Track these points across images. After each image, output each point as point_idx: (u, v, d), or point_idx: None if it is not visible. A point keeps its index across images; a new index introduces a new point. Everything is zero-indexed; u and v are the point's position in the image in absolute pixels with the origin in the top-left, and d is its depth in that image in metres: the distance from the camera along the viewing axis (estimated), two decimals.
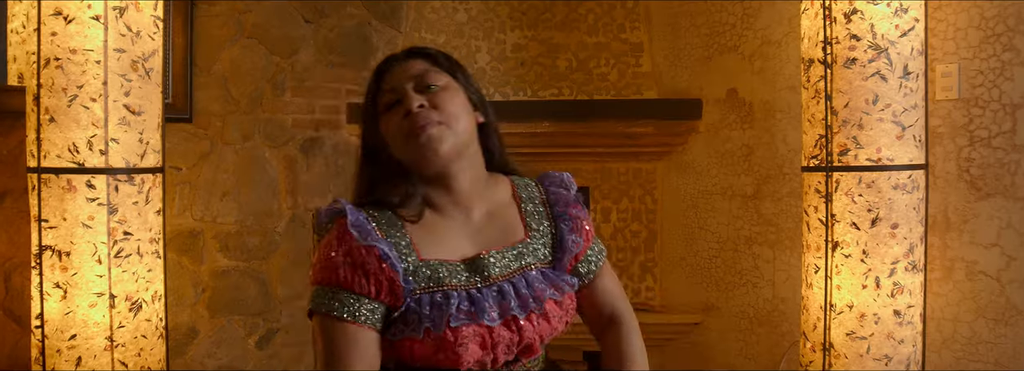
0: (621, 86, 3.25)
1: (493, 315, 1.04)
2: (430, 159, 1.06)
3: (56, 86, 1.88)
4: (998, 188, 2.17)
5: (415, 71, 1.11)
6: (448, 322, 1.01)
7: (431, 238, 1.09)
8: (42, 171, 1.89)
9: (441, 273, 1.05)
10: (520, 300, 1.06)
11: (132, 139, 1.95)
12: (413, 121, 1.06)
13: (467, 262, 1.08)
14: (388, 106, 1.10)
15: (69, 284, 1.91)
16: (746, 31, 2.86)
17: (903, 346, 1.99)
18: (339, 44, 2.96)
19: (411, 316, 1.03)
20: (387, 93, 1.10)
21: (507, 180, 1.19)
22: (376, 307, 1.04)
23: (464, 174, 1.11)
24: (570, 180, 1.21)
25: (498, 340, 1.04)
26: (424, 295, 1.03)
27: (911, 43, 1.97)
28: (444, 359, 1.03)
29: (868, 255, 1.98)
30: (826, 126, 2.01)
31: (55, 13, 1.87)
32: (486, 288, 1.06)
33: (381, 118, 1.10)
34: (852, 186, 1.98)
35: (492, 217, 1.13)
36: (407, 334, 1.03)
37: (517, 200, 1.17)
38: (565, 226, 1.15)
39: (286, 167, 2.83)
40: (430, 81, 1.10)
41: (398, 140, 1.08)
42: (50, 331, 1.92)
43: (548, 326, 1.08)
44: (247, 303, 2.73)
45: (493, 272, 1.08)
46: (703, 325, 3.02)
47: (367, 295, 1.03)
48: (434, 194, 1.11)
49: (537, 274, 1.10)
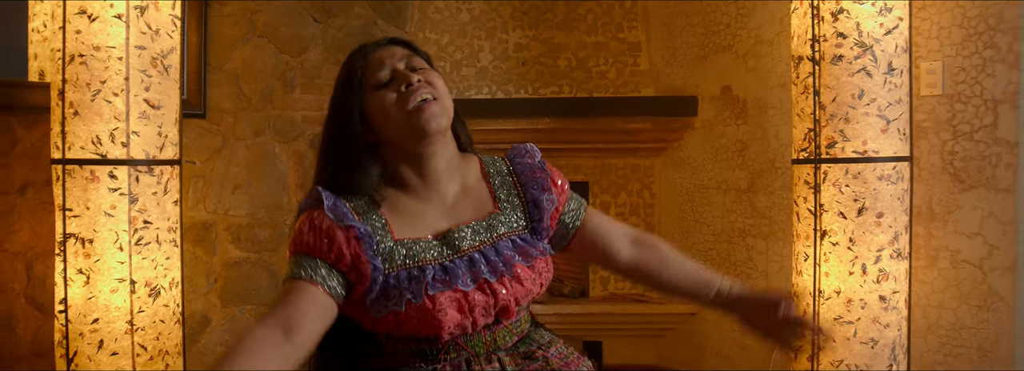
0: (619, 84, 3.33)
1: (466, 280, 1.10)
2: (427, 131, 1.12)
3: (80, 81, 1.96)
4: (980, 180, 2.26)
5: (400, 55, 1.18)
6: (426, 290, 1.08)
7: (406, 219, 1.15)
8: (66, 162, 1.98)
9: (415, 250, 1.12)
10: (490, 266, 1.12)
11: (152, 132, 2.03)
12: (415, 93, 1.12)
13: (439, 237, 1.14)
14: (380, 84, 1.15)
15: (92, 270, 1.99)
16: (740, 30, 2.94)
17: (888, 330, 2.08)
18: (347, 43, 3.03)
19: (392, 292, 1.09)
20: (378, 73, 1.16)
21: (476, 159, 1.26)
22: (333, 273, 1.08)
23: (442, 153, 1.17)
24: (534, 149, 1.26)
25: (474, 303, 1.10)
26: (401, 271, 1.09)
27: (895, 41, 2.06)
28: (427, 327, 1.09)
29: (855, 243, 2.06)
30: (814, 120, 2.10)
31: (80, 12, 1.96)
32: (458, 260, 1.12)
33: (371, 95, 1.15)
34: (839, 177, 2.07)
35: (465, 194, 1.20)
36: (391, 308, 1.08)
37: (486, 176, 1.23)
38: (535, 189, 1.21)
39: (295, 162, 2.91)
40: (416, 65, 1.18)
41: (392, 114, 1.13)
42: (74, 315, 2.01)
43: (522, 288, 1.14)
44: (258, 293, 2.82)
45: (463, 245, 1.14)
46: (699, 315, 3.10)
47: (326, 260, 1.08)
48: (410, 174, 1.17)
49: (507, 242, 1.16)
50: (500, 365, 1.16)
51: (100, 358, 1.99)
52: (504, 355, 1.17)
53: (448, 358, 1.14)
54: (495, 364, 1.16)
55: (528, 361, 1.18)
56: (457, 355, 1.14)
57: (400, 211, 1.15)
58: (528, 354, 1.19)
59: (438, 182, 1.18)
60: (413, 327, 1.10)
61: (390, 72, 1.16)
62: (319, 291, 1.06)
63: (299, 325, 1.03)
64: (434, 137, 1.14)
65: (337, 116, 1.18)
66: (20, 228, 2.28)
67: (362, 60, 1.18)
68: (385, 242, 1.11)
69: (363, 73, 1.16)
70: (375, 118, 1.15)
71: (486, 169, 1.24)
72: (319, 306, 1.06)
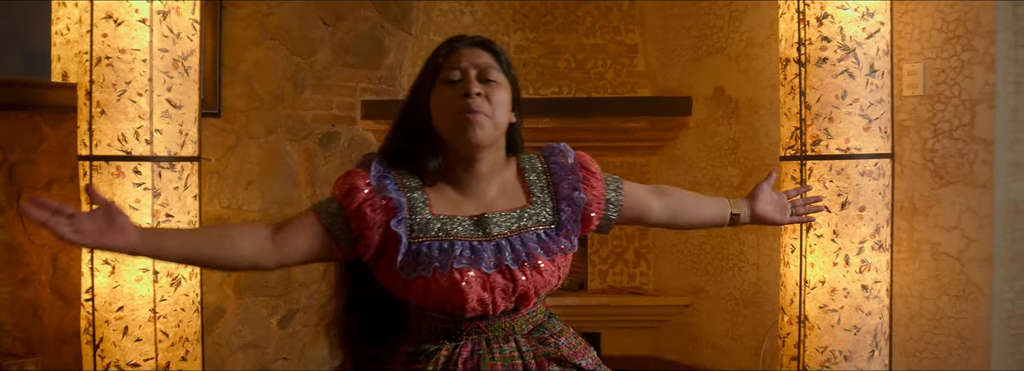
0: (617, 85, 3.41)
1: (490, 263, 1.20)
2: (467, 142, 1.21)
3: (106, 82, 2.07)
4: (958, 176, 2.37)
5: (481, 62, 1.23)
6: (452, 264, 1.18)
7: (445, 201, 1.25)
8: (94, 159, 2.08)
9: (449, 226, 1.21)
10: (514, 254, 1.21)
11: (173, 130, 2.14)
12: (467, 104, 1.19)
13: (473, 219, 1.24)
14: (448, 81, 1.22)
15: (117, 260, 2.10)
16: (732, 34, 3.03)
17: (870, 318, 2.19)
18: (354, 45, 3.12)
19: (422, 258, 1.18)
20: (451, 70, 1.22)
21: (515, 158, 1.34)
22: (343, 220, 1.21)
23: (486, 160, 1.25)
24: (567, 148, 1.34)
25: (495, 285, 1.20)
26: (433, 242, 1.19)
27: (877, 44, 2.17)
28: (452, 297, 1.19)
29: (838, 235, 2.18)
30: (800, 119, 2.21)
31: (106, 16, 2.06)
32: (486, 242, 1.22)
33: (436, 89, 1.23)
34: (824, 173, 2.18)
35: (501, 190, 1.29)
36: (419, 272, 1.18)
37: (521, 173, 1.31)
38: (567, 189, 1.29)
39: (306, 159, 2.99)
40: (490, 76, 1.22)
41: (445, 114, 1.21)
42: (99, 304, 2.11)
43: (541, 278, 1.23)
44: (270, 285, 2.90)
45: (493, 230, 1.23)
46: (693, 307, 3.19)
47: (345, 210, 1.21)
48: (457, 168, 1.26)
49: (533, 236, 1.25)
50: (516, 345, 1.26)
51: (125, 344, 2.09)
52: (520, 338, 1.27)
53: (470, 338, 1.24)
54: (511, 344, 1.26)
55: (541, 345, 1.28)
56: (478, 336, 1.24)
57: (442, 194, 1.25)
58: (542, 340, 1.29)
59: (479, 181, 1.26)
60: (440, 297, 1.19)
61: (461, 74, 1.22)
62: (320, 225, 1.21)
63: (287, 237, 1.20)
64: (475, 147, 1.22)
65: (411, 94, 1.28)
66: None
67: (446, 51, 1.25)
68: (423, 214, 1.21)
69: (441, 64, 1.24)
70: (433, 109, 1.24)
71: (522, 166, 1.32)
72: (312, 232, 1.21)
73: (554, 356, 1.27)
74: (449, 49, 1.26)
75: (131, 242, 1.09)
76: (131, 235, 1.09)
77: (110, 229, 1.09)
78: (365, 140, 3.16)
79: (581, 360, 1.30)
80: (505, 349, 1.25)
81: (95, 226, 1.08)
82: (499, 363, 1.23)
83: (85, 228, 1.08)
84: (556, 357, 1.27)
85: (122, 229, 1.09)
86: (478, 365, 1.22)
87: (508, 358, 1.24)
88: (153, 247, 1.14)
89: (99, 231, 1.08)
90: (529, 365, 1.24)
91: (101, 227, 1.08)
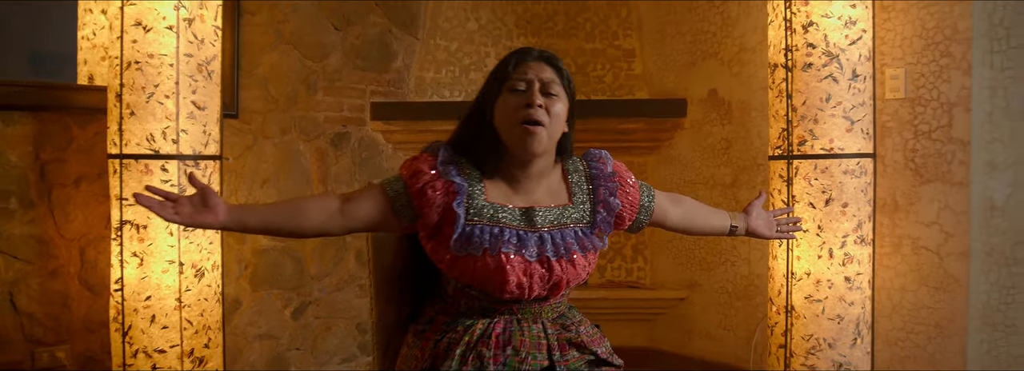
0: (615, 87, 3.49)
1: (532, 252, 1.33)
2: (523, 149, 1.34)
3: (136, 85, 2.18)
4: (937, 174, 2.49)
5: (545, 76, 1.36)
6: (500, 248, 1.31)
7: (499, 191, 1.38)
8: (124, 157, 2.20)
9: (500, 214, 1.35)
10: (554, 247, 1.35)
11: (198, 130, 2.25)
12: (529, 114, 1.31)
13: (522, 210, 1.38)
14: (514, 90, 1.35)
15: (145, 253, 2.21)
16: (725, 39, 3.12)
17: (853, 308, 2.31)
18: (364, 49, 3.19)
19: (474, 239, 1.32)
20: (518, 81, 1.35)
21: (561, 160, 1.46)
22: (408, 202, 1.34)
23: (538, 164, 1.39)
24: (607, 156, 1.48)
25: (534, 272, 1.34)
26: (485, 226, 1.33)
27: (859, 50, 2.29)
28: (493, 278, 1.32)
29: (823, 230, 2.30)
30: (787, 121, 2.34)
31: (136, 23, 2.18)
32: (531, 233, 1.35)
33: (502, 95, 1.36)
34: (809, 171, 2.30)
35: (547, 190, 1.42)
36: (469, 251, 1.32)
37: (565, 174, 1.45)
38: (606, 194, 1.42)
39: (318, 159, 3.08)
40: (552, 90, 1.35)
41: (507, 120, 1.33)
42: (128, 293, 2.23)
43: (573, 271, 1.37)
44: (284, 279, 2.99)
45: (538, 222, 1.37)
46: (688, 300, 3.28)
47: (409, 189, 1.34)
48: (512, 167, 1.39)
49: (571, 232, 1.39)
50: (543, 327, 1.41)
51: (152, 331, 2.21)
52: (547, 322, 1.42)
53: (502, 317, 1.39)
54: (539, 326, 1.41)
55: (564, 331, 1.43)
56: (510, 316, 1.39)
57: (496, 186, 1.39)
58: (565, 326, 1.44)
59: (529, 180, 1.40)
60: (484, 275, 1.33)
61: (527, 85, 1.35)
62: (385, 200, 1.35)
63: (355, 206, 1.35)
64: (530, 154, 1.35)
65: (479, 95, 1.42)
66: (75, 217, 2.49)
67: (516, 61, 1.38)
68: (479, 200, 1.35)
69: (510, 73, 1.37)
70: (497, 113, 1.37)
71: (566, 168, 1.45)
72: (378, 206, 1.35)
73: (574, 341, 1.41)
74: (519, 60, 1.38)
75: (220, 220, 1.27)
76: (220, 214, 1.26)
77: (204, 209, 1.26)
78: (374, 140, 3.26)
79: (597, 348, 1.44)
80: (533, 329, 1.39)
81: (192, 208, 1.26)
82: (527, 339, 1.37)
83: (183, 210, 1.25)
84: (576, 342, 1.41)
85: (214, 209, 1.26)
86: (509, 339, 1.37)
87: (535, 337, 1.39)
88: (238, 223, 1.29)
89: (194, 212, 1.25)
90: (553, 346, 1.39)
91: (197, 208, 1.26)
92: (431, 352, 1.39)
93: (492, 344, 1.36)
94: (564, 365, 1.39)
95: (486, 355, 1.35)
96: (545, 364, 1.38)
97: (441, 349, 1.38)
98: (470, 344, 1.37)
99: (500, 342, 1.37)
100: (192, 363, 2.27)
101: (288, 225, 1.34)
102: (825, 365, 2.29)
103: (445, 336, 1.39)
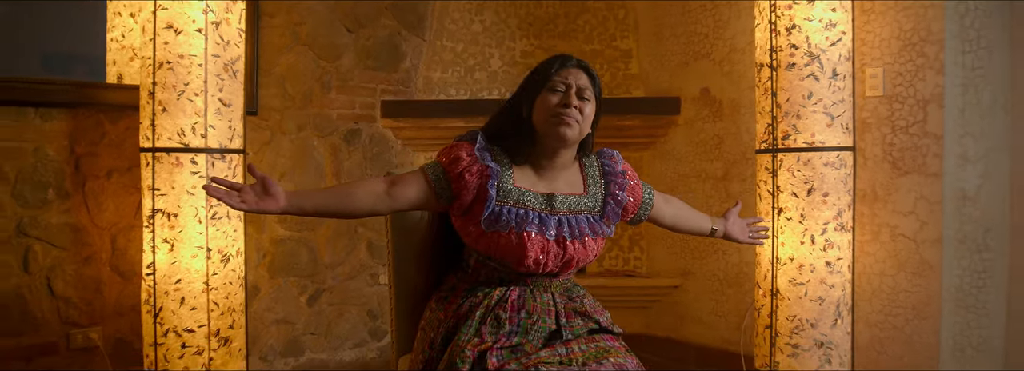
0: (613, 86, 3.58)
1: (552, 232, 1.52)
2: (556, 142, 1.53)
3: (167, 83, 2.34)
4: (913, 167, 2.64)
5: (581, 82, 1.55)
6: (525, 227, 1.50)
7: (525, 177, 1.56)
8: (156, 150, 2.35)
9: (526, 197, 1.53)
10: (570, 229, 1.54)
11: (224, 126, 2.41)
12: (565, 112, 1.50)
13: (544, 196, 1.56)
14: (553, 89, 1.53)
15: (175, 239, 2.36)
16: (717, 41, 3.25)
17: (834, 290, 2.47)
18: (375, 50, 3.32)
19: (503, 218, 1.50)
20: (559, 82, 1.53)
21: (579, 157, 1.66)
22: (446, 182, 1.51)
23: (564, 156, 1.58)
24: (618, 155, 1.67)
25: (550, 249, 1.52)
26: (513, 208, 1.51)
27: (838, 51, 2.44)
28: (515, 252, 1.50)
29: (805, 218, 2.46)
30: (772, 117, 2.50)
31: (167, 26, 2.33)
32: (551, 216, 1.54)
33: (542, 94, 1.54)
34: (792, 164, 2.46)
35: (566, 180, 1.61)
36: (496, 228, 1.50)
37: (582, 168, 1.64)
38: (616, 189, 1.62)
39: (331, 154, 3.21)
40: (585, 95, 1.54)
41: (544, 116, 1.52)
42: (159, 277, 2.38)
43: (584, 251, 1.56)
44: (299, 267, 3.14)
45: (558, 207, 1.55)
46: (681, 288, 3.40)
47: (448, 174, 1.51)
48: (541, 157, 1.57)
49: (585, 218, 1.58)
50: (552, 296, 1.59)
51: (182, 312, 2.36)
52: (556, 293, 1.61)
53: (517, 286, 1.57)
54: (549, 295, 1.59)
55: (570, 301, 1.62)
56: (524, 286, 1.57)
57: (523, 173, 1.57)
58: (571, 297, 1.63)
59: (553, 169, 1.59)
60: (506, 250, 1.51)
61: (565, 88, 1.54)
62: (427, 182, 1.52)
63: (400, 189, 1.51)
64: (560, 147, 1.55)
65: (520, 91, 1.60)
66: (107, 207, 2.65)
67: (558, 65, 1.57)
68: (507, 184, 1.53)
69: (551, 75, 1.56)
70: (536, 108, 1.55)
71: (583, 162, 1.65)
72: (421, 188, 1.52)
73: (579, 310, 1.60)
74: (561, 66, 1.57)
75: (281, 206, 1.41)
76: (281, 200, 1.41)
77: (265, 197, 1.40)
78: (384, 136, 3.39)
79: (599, 317, 1.62)
80: (544, 297, 1.58)
81: (255, 196, 1.40)
82: (539, 306, 1.56)
83: (248, 198, 1.39)
84: (581, 312, 1.60)
85: (275, 196, 1.41)
86: (523, 304, 1.55)
87: (545, 304, 1.58)
88: (297, 207, 1.44)
89: (258, 199, 1.39)
90: (560, 313, 1.58)
91: (260, 196, 1.40)
92: (454, 314, 1.57)
93: (508, 307, 1.54)
94: (569, 330, 1.56)
95: (503, 317, 1.53)
96: (553, 328, 1.56)
97: (463, 311, 1.56)
98: (489, 307, 1.55)
99: (515, 306, 1.55)
100: (218, 342, 2.42)
101: (341, 208, 1.50)
102: (808, 344, 2.45)
103: (466, 300, 1.57)
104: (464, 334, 1.53)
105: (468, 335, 1.52)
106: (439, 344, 1.57)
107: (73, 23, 2.70)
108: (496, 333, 1.52)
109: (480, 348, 1.49)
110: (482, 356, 1.47)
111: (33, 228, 2.51)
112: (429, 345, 1.60)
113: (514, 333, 1.53)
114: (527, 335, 1.53)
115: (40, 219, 2.52)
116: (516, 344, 1.51)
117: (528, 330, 1.53)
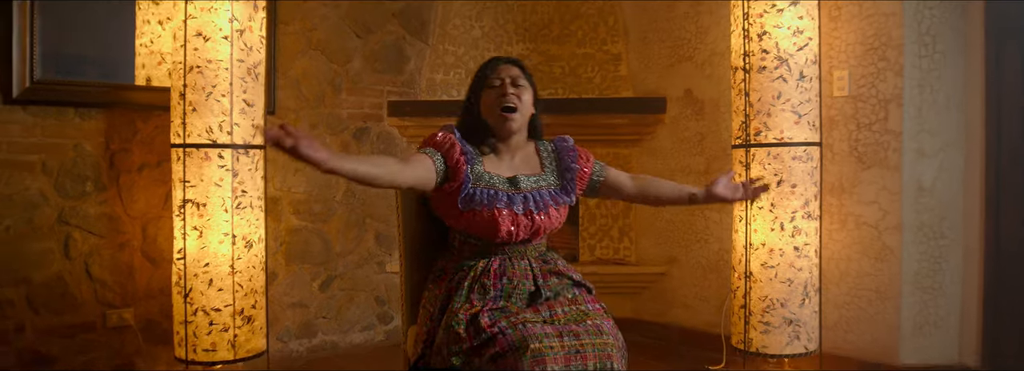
0: (603, 87, 3.75)
1: (519, 207, 1.76)
2: (504, 128, 1.79)
3: (197, 86, 2.56)
4: (876, 161, 2.87)
5: (513, 73, 1.82)
6: (495, 205, 1.74)
7: (491, 163, 1.81)
8: (186, 146, 2.57)
9: (494, 180, 1.78)
10: (535, 203, 1.79)
11: (247, 124, 2.63)
12: (505, 100, 1.77)
13: (508, 178, 1.80)
14: (492, 85, 1.81)
15: (204, 227, 2.58)
16: (699, 45, 3.45)
17: (801, 273, 2.70)
18: (382, 54, 3.52)
19: (477, 197, 1.74)
20: (495, 78, 1.80)
21: (533, 141, 1.91)
22: (440, 161, 1.74)
23: (516, 138, 1.84)
24: (569, 139, 1.92)
25: (520, 222, 1.76)
26: (484, 189, 1.75)
27: (805, 55, 2.67)
28: (490, 228, 1.75)
29: (775, 207, 2.68)
30: (746, 115, 2.73)
31: (197, 34, 2.55)
32: (517, 194, 1.78)
33: (484, 91, 1.82)
34: (763, 157, 2.68)
35: (524, 161, 1.87)
36: (471, 207, 1.74)
37: (538, 151, 1.90)
38: (568, 161, 1.87)
39: (342, 150, 3.40)
40: (519, 82, 1.81)
41: (489, 108, 1.79)
42: (189, 261, 2.60)
43: (549, 221, 1.81)
44: (313, 255, 3.35)
45: (522, 186, 1.80)
46: (667, 275, 3.60)
47: (441, 153, 1.75)
48: (499, 143, 1.83)
49: (547, 192, 1.82)
50: (529, 263, 1.83)
51: (210, 293, 2.59)
52: (532, 259, 1.85)
53: (497, 256, 1.81)
54: (525, 261, 1.83)
55: (545, 264, 1.85)
56: (503, 256, 1.81)
57: (489, 159, 1.82)
58: (545, 260, 1.87)
59: (509, 150, 1.84)
60: (481, 227, 1.76)
61: (499, 81, 1.80)
62: (429, 160, 1.74)
63: (411, 165, 1.70)
64: (508, 131, 1.81)
65: (468, 94, 1.86)
66: (138, 199, 2.89)
67: (491, 66, 1.83)
68: (479, 167, 1.77)
69: (488, 75, 1.82)
70: (482, 103, 1.82)
71: (538, 147, 1.91)
72: (425, 165, 1.73)
73: (553, 270, 1.84)
74: (494, 65, 1.83)
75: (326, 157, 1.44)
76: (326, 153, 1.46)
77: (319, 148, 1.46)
78: (390, 134, 3.60)
79: (573, 274, 1.86)
80: (521, 264, 1.82)
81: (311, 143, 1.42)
82: (517, 271, 1.80)
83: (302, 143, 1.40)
84: (555, 271, 1.84)
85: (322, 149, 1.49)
86: (504, 271, 1.79)
87: (523, 269, 1.82)
88: (338, 165, 1.50)
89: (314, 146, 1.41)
90: (537, 275, 1.82)
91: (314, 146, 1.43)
92: (446, 288, 1.81)
93: (491, 275, 1.79)
94: (547, 289, 1.80)
95: (487, 284, 1.78)
96: (532, 289, 1.80)
97: (453, 285, 1.80)
98: (475, 277, 1.79)
99: (497, 274, 1.79)
100: (242, 320, 2.65)
101: (371, 174, 1.60)
102: (778, 321, 2.68)
103: (455, 276, 1.81)
104: (456, 302, 1.76)
105: (460, 302, 1.76)
106: (437, 315, 1.81)
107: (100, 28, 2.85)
108: (484, 298, 1.75)
109: (471, 311, 1.72)
110: (474, 318, 1.70)
111: (73, 217, 2.74)
112: (429, 318, 1.83)
113: (499, 297, 1.76)
114: (510, 298, 1.77)
115: (79, 209, 2.75)
116: (502, 307, 1.75)
117: (511, 294, 1.77)
